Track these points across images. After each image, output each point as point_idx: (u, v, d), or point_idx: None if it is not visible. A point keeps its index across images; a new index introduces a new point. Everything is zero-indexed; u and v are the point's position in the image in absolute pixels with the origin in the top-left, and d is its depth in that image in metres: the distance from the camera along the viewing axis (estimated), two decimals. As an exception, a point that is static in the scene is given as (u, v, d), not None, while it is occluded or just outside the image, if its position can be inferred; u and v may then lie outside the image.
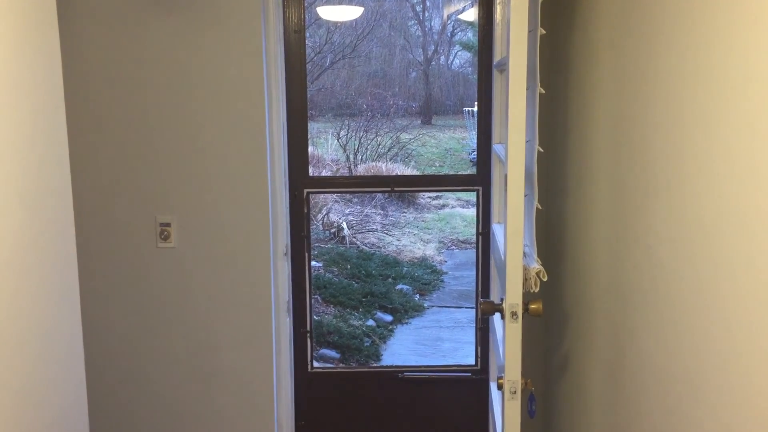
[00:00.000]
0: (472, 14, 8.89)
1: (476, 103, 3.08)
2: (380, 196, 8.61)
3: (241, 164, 2.69)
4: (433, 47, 11.11)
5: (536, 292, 1.92)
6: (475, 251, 3.12)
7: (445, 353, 5.44)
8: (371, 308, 6.14)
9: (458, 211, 8.92)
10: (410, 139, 9.88)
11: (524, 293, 1.81)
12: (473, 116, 9.65)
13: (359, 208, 8.50)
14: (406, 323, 6.03)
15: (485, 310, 1.94)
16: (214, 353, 2.79)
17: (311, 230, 3.13)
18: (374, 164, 9.09)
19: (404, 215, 8.66)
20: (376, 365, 5.25)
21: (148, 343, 2.78)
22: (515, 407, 1.78)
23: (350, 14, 8.31)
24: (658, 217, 1.50)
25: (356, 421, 3.11)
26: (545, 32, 2.02)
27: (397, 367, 3.70)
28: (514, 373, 1.77)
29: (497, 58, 2.66)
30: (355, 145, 9.27)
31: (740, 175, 1.12)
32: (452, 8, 10.39)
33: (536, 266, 1.95)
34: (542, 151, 2.08)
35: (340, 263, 7.01)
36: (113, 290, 2.76)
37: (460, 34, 10.99)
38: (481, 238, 3.01)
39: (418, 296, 6.55)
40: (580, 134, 2.21)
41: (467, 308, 6.20)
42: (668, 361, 1.44)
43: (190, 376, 2.80)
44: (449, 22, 10.80)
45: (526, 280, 1.91)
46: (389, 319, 6.02)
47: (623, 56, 1.77)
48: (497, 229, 2.63)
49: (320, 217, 7.90)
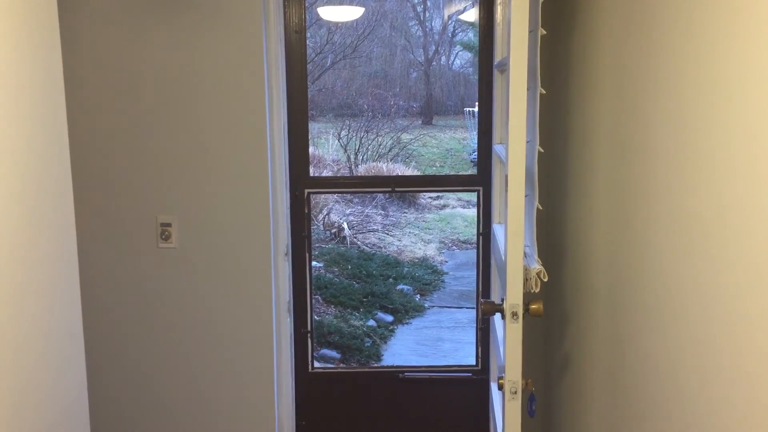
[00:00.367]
0: (472, 15, 8.90)
1: (477, 103, 3.08)
2: (381, 196, 8.61)
3: (241, 164, 2.69)
4: (433, 47, 11.11)
5: (537, 292, 1.92)
6: (475, 251, 3.12)
7: (445, 353, 5.44)
8: (372, 308, 6.14)
9: (459, 211, 8.92)
10: (411, 139, 9.88)
11: (525, 293, 1.81)
12: (474, 116, 9.65)
13: (360, 208, 8.50)
14: (406, 323, 6.03)
15: (486, 310, 1.94)
16: (214, 353, 2.79)
17: (312, 230, 3.13)
18: (375, 164, 9.09)
19: (405, 215, 8.66)
20: (376, 365, 5.25)
21: (148, 342, 2.79)
22: (516, 407, 1.78)
23: (351, 14, 8.31)
24: (658, 217, 1.51)
25: (357, 421, 3.11)
26: (546, 33, 2.02)
27: (397, 367, 3.70)
28: (514, 373, 1.78)
29: (498, 58, 2.66)
30: (355, 145, 9.27)
31: (741, 174, 1.12)
32: (453, 8, 10.39)
33: (537, 266, 1.95)
34: (543, 151, 2.08)
35: (340, 263, 7.01)
36: (114, 290, 2.76)
37: (460, 34, 10.99)
38: (481, 238, 3.02)
39: (418, 296, 6.55)
40: (580, 134, 2.21)
41: (468, 308, 6.20)
42: (668, 361, 1.44)
43: (190, 375, 2.80)
44: (450, 22, 10.80)
45: (526, 280, 1.91)
46: (390, 319, 6.02)
47: (624, 56, 1.77)
48: (498, 229, 2.64)
49: (321, 217, 7.90)
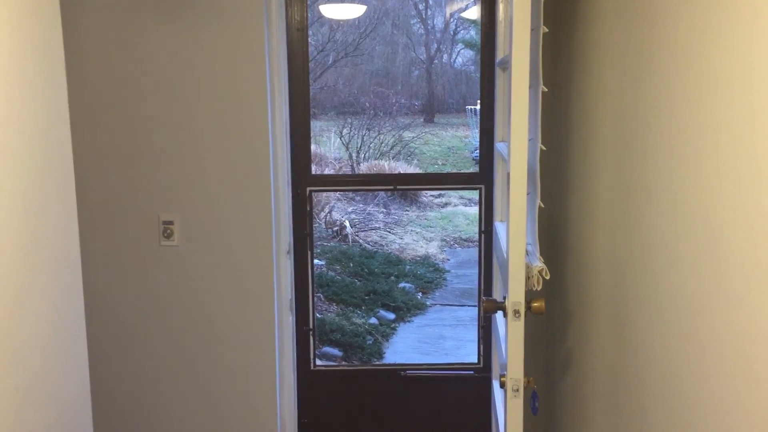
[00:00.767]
0: (474, 12, 8.89)
1: (479, 101, 3.08)
2: (383, 194, 8.61)
3: (243, 162, 2.69)
4: (435, 45, 11.11)
5: (539, 290, 1.93)
6: (477, 249, 3.12)
7: (447, 351, 5.44)
8: (374, 306, 6.14)
9: (461, 209, 8.92)
10: (413, 137, 9.88)
11: (527, 291, 1.81)
12: (476, 114, 9.64)
13: (362, 206, 8.50)
14: (408, 321, 6.03)
15: (488, 308, 1.94)
16: (216, 351, 2.79)
17: (314, 228, 3.13)
18: (377, 162, 9.09)
19: (407, 213, 8.66)
20: (378, 363, 5.26)
21: (150, 340, 2.79)
22: (518, 405, 1.79)
23: (353, 12, 8.30)
24: (661, 214, 1.50)
25: (359, 418, 3.12)
26: (548, 30, 2.02)
27: (399, 365, 3.70)
28: (516, 371, 1.78)
29: (500, 56, 2.65)
30: (357, 143, 9.27)
31: (744, 172, 1.12)
32: (455, 6, 10.38)
33: (539, 264, 1.95)
34: (545, 149, 2.08)
35: (342, 261, 7.02)
36: (116, 288, 2.76)
37: (462, 32, 10.98)
38: (483, 236, 3.02)
39: (420, 294, 6.55)
40: (582, 132, 2.21)
41: (470, 306, 6.20)
42: (671, 359, 1.44)
43: (192, 373, 2.81)
44: (452, 20, 10.79)
45: (528, 278, 1.91)
46: (392, 317, 6.03)
47: (626, 54, 1.77)
48: (500, 227, 2.63)
49: (323, 215, 7.90)
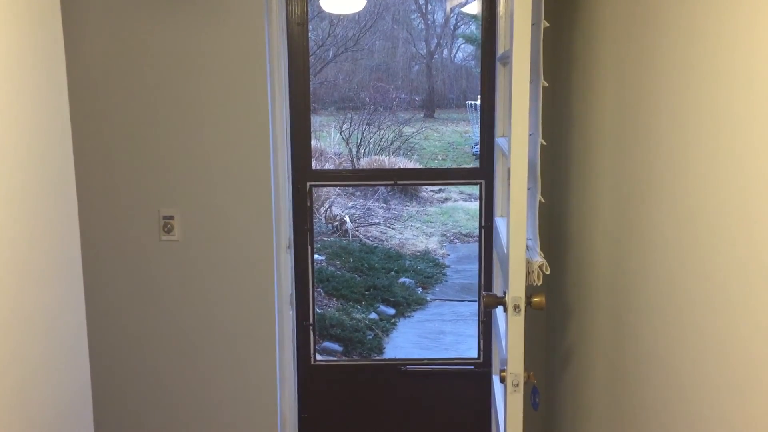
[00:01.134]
0: (475, 7, 8.87)
1: (479, 96, 3.07)
2: (383, 189, 8.61)
3: (244, 157, 2.69)
4: (436, 40, 11.10)
5: (539, 285, 1.93)
6: (477, 244, 3.12)
7: (447, 346, 5.45)
8: (374, 301, 6.15)
9: (461, 204, 8.92)
10: (413, 132, 9.88)
11: (527, 286, 1.81)
12: (476, 109, 9.64)
13: (362, 201, 8.50)
14: (408, 316, 6.04)
15: (488, 303, 1.94)
16: (217, 345, 2.80)
17: (314, 223, 3.13)
18: (377, 158, 9.09)
19: (407, 209, 8.66)
20: (378, 358, 5.26)
21: (151, 334, 2.79)
22: (518, 400, 1.79)
23: (353, 7, 8.26)
24: (661, 210, 1.50)
25: (359, 413, 3.12)
26: (549, 25, 2.01)
27: (399, 360, 3.71)
28: (516, 366, 1.78)
29: (500, 51, 2.65)
30: (357, 138, 9.27)
31: (744, 167, 1.12)
32: (455, 1, 10.36)
33: (539, 259, 1.95)
34: (545, 144, 2.08)
35: (342, 256, 7.02)
36: (117, 283, 2.77)
37: (463, 27, 10.97)
38: (483, 231, 3.01)
39: (420, 289, 6.56)
40: (583, 127, 2.21)
41: (470, 301, 6.21)
42: (670, 354, 1.44)
43: (192, 368, 2.81)
44: (452, 15, 10.78)
45: (528, 273, 1.91)
46: (392, 312, 6.03)
47: (627, 49, 1.77)
48: (500, 222, 2.63)
49: (323, 210, 7.90)
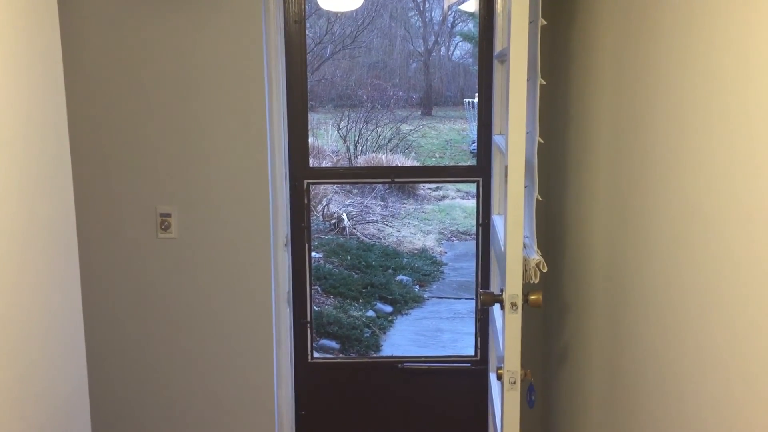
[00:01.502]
0: (472, 5, 8.87)
1: (477, 94, 3.07)
2: (380, 187, 8.61)
3: (241, 155, 2.69)
4: (433, 38, 11.09)
5: (536, 283, 1.93)
6: (474, 242, 3.12)
7: (444, 344, 5.45)
8: (371, 299, 6.15)
9: (458, 202, 8.92)
10: (410, 130, 9.87)
11: (524, 284, 1.81)
12: (474, 107, 9.63)
13: (359, 199, 8.50)
14: (405, 314, 6.04)
15: (485, 301, 1.94)
16: (214, 343, 2.79)
17: (311, 221, 3.13)
18: (374, 155, 9.09)
19: (404, 206, 8.66)
20: (375, 356, 5.26)
21: (147, 333, 2.79)
22: (514, 398, 1.79)
23: (350, 4, 8.26)
24: (657, 208, 1.51)
25: (356, 410, 3.12)
26: (546, 23, 2.01)
27: (396, 357, 3.71)
28: (513, 363, 1.78)
29: (498, 49, 2.65)
30: (355, 136, 9.26)
31: (741, 167, 1.12)
32: (453, -1, 10.36)
33: (536, 257, 1.95)
34: (543, 142, 2.08)
35: (340, 254, 7.02)
36: (113, 280, 2.76)
37: (460, 24, 10.97)
38: (481, 229, 3.02)
39: (417, 287, 6.56)
40: (580, 125, 2.21)
41: (467, 299, 6.21)
42: (667, 352, 1.44)
43: (189, 366, 2.81)
44: (450, 12, 10.77)
45: (525, 271, 1.91)
46: (389, 310, 6.04)
47: (624, 47, 1.77)
48: (497, 220, 2.64)
49: (320, 208, 7.90)
